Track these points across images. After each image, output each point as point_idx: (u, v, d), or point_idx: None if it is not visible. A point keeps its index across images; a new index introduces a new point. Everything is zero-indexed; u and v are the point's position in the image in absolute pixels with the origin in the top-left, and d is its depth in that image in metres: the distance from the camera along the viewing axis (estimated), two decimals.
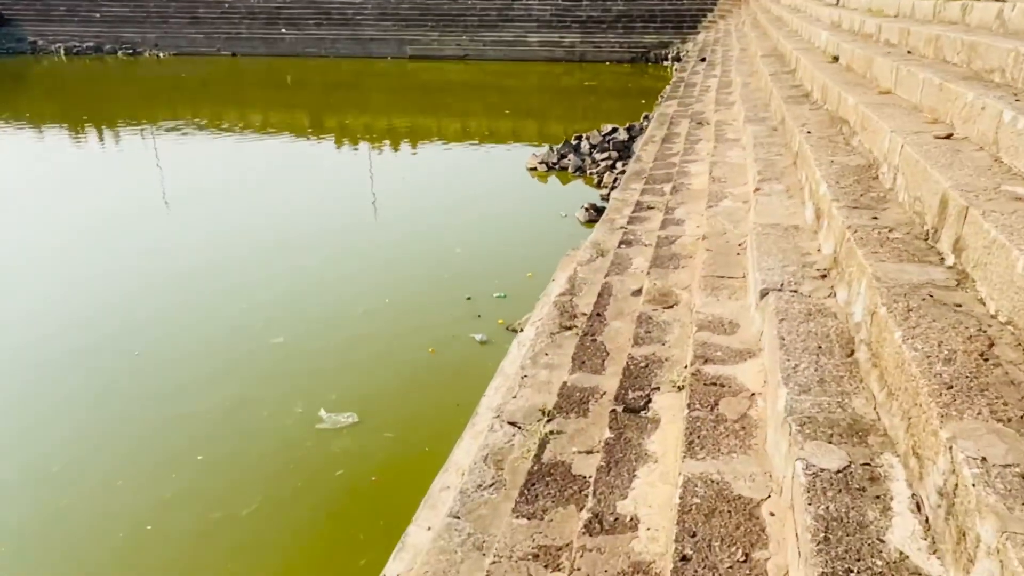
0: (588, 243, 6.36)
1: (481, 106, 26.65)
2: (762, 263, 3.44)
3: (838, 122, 5.27)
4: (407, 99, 28.29)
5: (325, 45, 33.41)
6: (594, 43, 32.00)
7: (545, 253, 9.93)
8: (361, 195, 13.73)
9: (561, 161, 14.38)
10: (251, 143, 19.70)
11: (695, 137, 8.52)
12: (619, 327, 4.28)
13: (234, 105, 27.79)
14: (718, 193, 5.35)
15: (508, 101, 26.71)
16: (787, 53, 9.57)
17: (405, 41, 32.85)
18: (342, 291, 8.89)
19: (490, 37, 32.50)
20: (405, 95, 29.17)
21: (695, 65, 17.51)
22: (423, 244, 10.62)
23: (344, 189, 14.28)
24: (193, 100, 28.39)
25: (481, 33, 32.66)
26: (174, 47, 34.19)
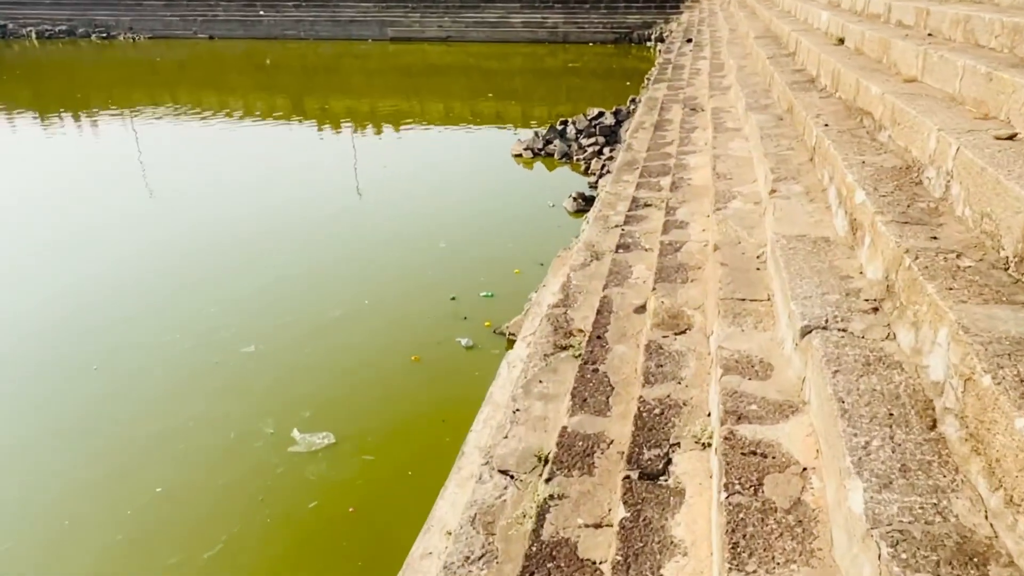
0: (581, 244, 5.76)
1: (464, 88, 25.83)
2: (795, 288, 2.86)
3: (857, 113, 4.68)
4: (389, 82, 27.38)
5: (304, 27, 32.27)
6: (577, 23, 31.12)
7: (533, 247, 9.33)
8: (342, 184, 13.01)
9: (547, 147, 13.71)
10: (230, 128, 18.83)
11: (690, 125, 7.91)
12: (624, 354, 3.69)
13: (212, 89, 26.78)
14: (725, 192, 4.76)
15: (491, 83, 25.89)
16: (783, 35, 8.95)
17: (386, 22, 31.79)
18: (319, 292, 8.24)
19: (472, 18, 31.52)
20: (387, 78, 28.26)
21: (681, 46, 16.83)
22: (405, 238, 9.97)
23: (325, 177, 13.54)
24: (170, 84, 27.31)
25: (463, 14, 31.66)
26: (149, 30, 32.89)
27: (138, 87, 26.79)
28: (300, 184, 12.87)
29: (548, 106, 22.91)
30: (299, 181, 13.09)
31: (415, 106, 23.35)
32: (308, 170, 14.00)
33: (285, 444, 5.52)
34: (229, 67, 31.01)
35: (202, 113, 21.05)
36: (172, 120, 19.79)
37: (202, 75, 29.61)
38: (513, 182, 12.81)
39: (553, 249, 8.71)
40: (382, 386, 6.30)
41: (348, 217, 10.96)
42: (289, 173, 13.67)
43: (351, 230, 10.36)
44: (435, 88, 25.86)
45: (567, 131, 14.12)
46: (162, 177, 13.39)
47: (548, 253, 8.71)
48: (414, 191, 12.28)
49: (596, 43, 31.19)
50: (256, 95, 25.14)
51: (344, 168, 14.21)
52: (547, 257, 8.49)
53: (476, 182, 12.72)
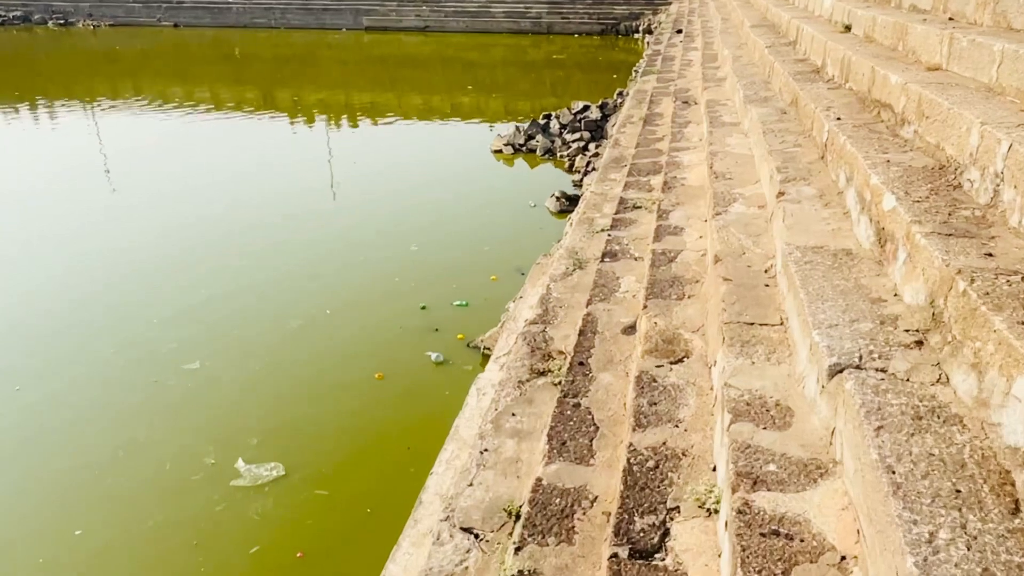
0: (563, 251, 5.32)
1: (443, 81, 25.36)
2: (817, 314, 2.43)
3: (873, 105, 4.28)
4: (364, 73, 26.86)
5: (275, 15, 31.61)
6: (562, 14, 30.74)
7: (512, 251, 8.89)
8: (310, 181, 12.46)
9: (528, 143, 13.27)
10: (196, 122, 18.21)
11: (683, 119, 7.50)
12: (610, 384, 3.25)
13: (178, 80, 26.11)
14: (725, 194, 4.34)
15: (471, 76, 25.43)
16: (782, 23, 8.57)
17: (361, 11, 31.22)
18: (276, 300, 7.74)
19: (452, 7, 31.03)
20: (362, 69, 27.74)
21: (671, 37, 16.47)
22: (375, 240, 9.48)
23: (293, 174, 12.99)
24: (133, 75, 26.60)
25: (442, 3, 31.16)
26: (110, 17, 32.06)
27: (98, 77, 26.06)
28: (266, 182, 12.33)
29: (531, 99, 22.50)
30: (265, 179, 12.54)
31: (391, 99, 22.85)
32: (276, 167, 13.45)
33: (227, 477, 5.02)
34: (195, 57, 30.33)
35: (166, 105, 20.40)
36: (134, 112, 19.14)
37: (167, 65, 28.94)
38: (492, 180, 12.35)
39: (534, 253, 8.26)
40: (340, 408, 5.82)
41: (314, 217, 10.44)
42: (255, 170, 13.11)
43: (317, 232, 9.85)
44: (413, 80, 25.35)
45: (550, 126, 13.69)
46: (119, 174, 12.79)
47: (528, 258, 8.26)
48: (386, 189, 11.79)
49: (581, 34, 30.83)
50: (224, 86, 24.53)
51: (314, 165, 13.68)
52: (527, 263, 8.05)
53: (452, 180, 12.24)
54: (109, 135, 16.25)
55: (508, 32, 31.00)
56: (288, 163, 13.80)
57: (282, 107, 21.18)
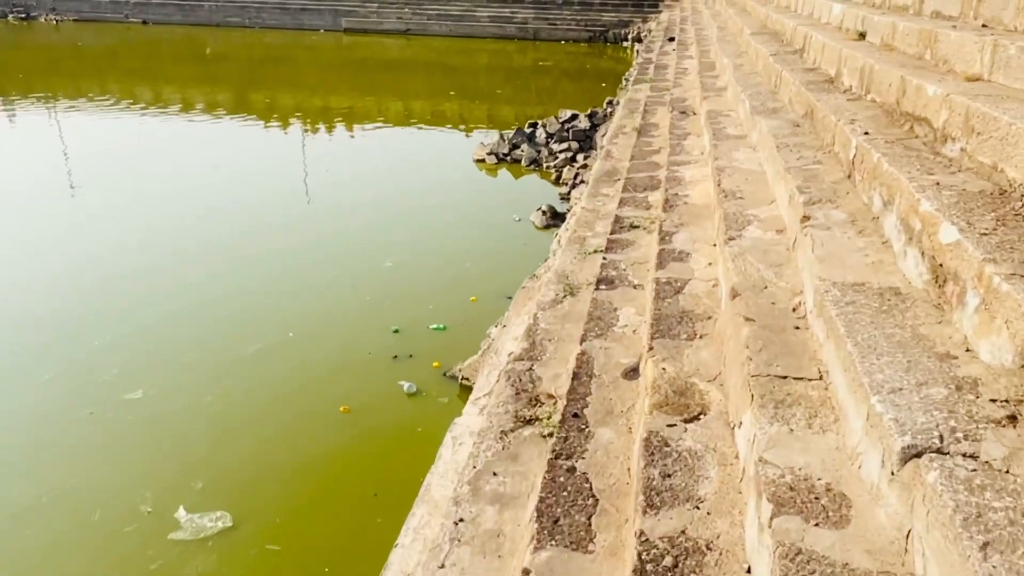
0: (552, 275, 4.89)
1: (425, 86, 24.98)
2: (873, 372, 2.02)
3: (904, 119, 3.91)
4: (343, 77, 26.44)
5: (249, 14, 31.10)
6: (548, 20, 30.55)
7: (494, 269, 8.46)
8: (281, 189, 11.96)
9: (513, 152, 12.88)
10: (164, 125, 17.67)
11: (681, 130, 7.13)
12: (611, 443, 2.81)
13: (146, 79, 25.54)
14: (736, 216, 3.94)
15: (454, 81, 25.09)
16: (786, 30, 8.27)
17: (340, 12, 30.81)
18: (233, 320, 7.23)
19: (435, 10, 30.73)
20: (340, 72, 27.33)
21: (663, 45, 16.20)
22: (346, 255, 9.01)
23: (263, 182, 12.48)
24: (99, 73, 26.01)
25: (425, 5, 30.85)
26: (75, 11, 31.38)
27: (60, 75, 25.41)
28: (232, 190, 11.81)
29: (516, 107, 22.21)
30: (232, 187, 12.02)
31: (371, 104, 22.44)
32: (245, 174, 12.93)
33: (165, 528, 4.51)
34: (165, 56, 29.74)
35: (133, 106, 19.85)
36: (99, 113, 18.53)
37: (134, 64, 28.37)
38: (474, 192, 11.92)
39: (518, 271, 7.86)
40: (299, 447, 5.33)
41: (282, 230, 9.94)
42: (222, 177, 12.58)
43: (284, 245, 9.35)
44: (393, 85, 24.97)
45: (536, 135, 13.31)
46: (77, 180, 12.20)
47: (511, 277, 7.85)
48: (361, 200, 11.32)
49: (568, 41, 30.64)
50: (195, 88, 23.99)
51: (286, 172, 13.17)
52: (510, 282, 7.63)
53: (432, 190, 11.80)
54: (70, 137, 15.64)
55: (493, 37, 30.73)
56: (258, 170, 13.29)
57: (256, 110, 20.68)
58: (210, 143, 15.85)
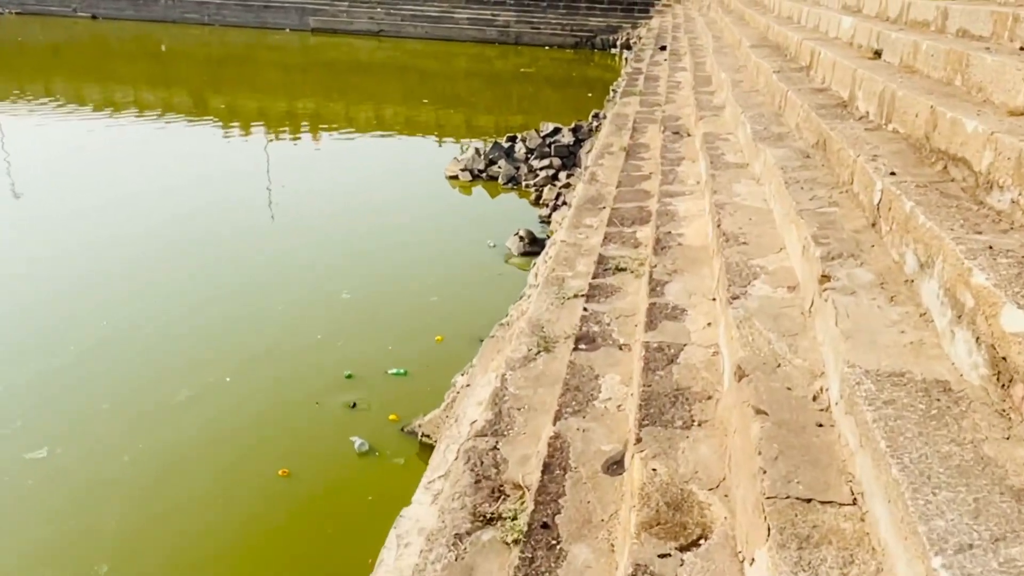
0: (525, 323, 4.48)
1: (397, 92, 24.65)
2: (930, 517, 1.63)
3: (936, 157, 3.55)
4: (308, 80, 26.04)
5: (209, 11, 30.63)
6: (532, 23, 30.38)
7: (464, 304, 8.04)
8: (231, 204, 11.46)
9: (490, 168, 12.51)
10: (113, 128, 17.18)
11: (674, 154, 6.78)
12: (587, 568, 2.38)
13: (95, 79, 25.00)
14: (740, 267, 3.55)
15: (429, 88, 24.78)
16: (789, 44, 7.98)
17: (307, 10, 30.44)
18: (161, 360, 6.73)
19: (410, 10, 30.45)
20: (306, 75, 26.93)
21: (654, 54, 15.97)
22: (298, 283, 8.54)
23: (215, 193, 11.98)
24: (44, 72, 25.45)
25: (399, 5, 30.58)
26: (18, 4, 30.73)
27: (9, 73, 24.84)
28: (180, 203, 11.29)
29: (497, 116, 21.96)
30: (181, 199, 11.50)
31: (339, 110, 22.07)
32: (196, 185, 12.41)
33: None
34: (116, 54, 29.20)
35: (81, 108, 19.35)
36: (41, 117, 17.95)
37: (82, 62, 27.85)
38: (445, 212, 11.49)
39: (490, 306, 7.46)
40: (228, 522, 4.84)
41: (229, 251, 9.45)
42: (172, 188, 12.07)
43: (229, 269, 8.87)
44: (363, 90, 24.63)
45: (515, 150, 12.96)
46: (5, 190, 11.64)
47: (483, 313, 7.44)
48: (320, 219, 10.86)
49: (553, 47, 30.48)
50: (149, 89, 23.50)
51: (241, 183, 12.69)
52: (481, 318, 7.23)
53: (399, 210, 11.36)
54: (13, 142, 15.06)
55: (472, 41, 30.50)
56: (212, 181, 12.80)
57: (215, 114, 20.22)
58: (161, 150, 15.36)
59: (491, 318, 6.83)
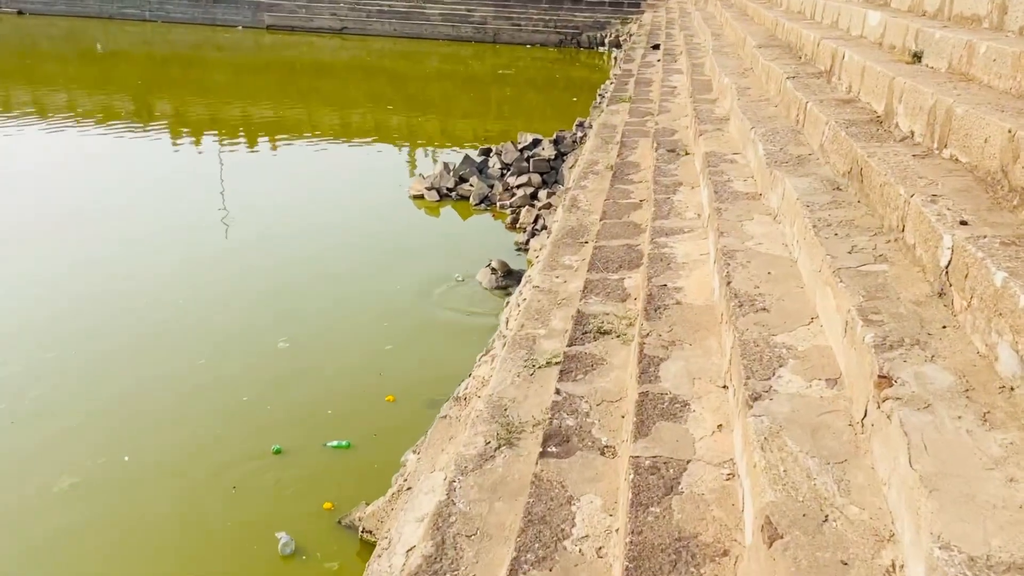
0: (484, 405, 3.81)
1: (363, 96, 24.04)
2: None
3: (1018, 199, 2.91)
4: (261, 83, 25.42)
5: (150, 6, 29.95)
6: (511, 19, 29.91)
7: (423, 354, 7.36)
8: (167, 225, 10.70)
9: (460, 187, 11.85)
10: (37, 137, 16.46)
11: (670, 177, 6.13)
12: None
13: (21, 82, 24.26)
14: (760, 347, 2.88)
15: (400, 91, 24.19)
16: (804, 43, 7.38)
17: (262, 6, 29.83)
18: (43, 434, 5.98)
19: (376, 5, 29.88)
20: (259, 78, 26.31)
21: (646, 54, 15.43)
22: (228, 328, 7.82)
23: (150, 214, 11.23)
24: None
25: (365, 1, 29.98)
26: None
27: None
28: (105, 226, 10.55)
29: (474, 121, 21.41)
30: (106, 221, 10.75)
31: (300, 116, 21.44)
32: (128, 204, 11.65)
33: None
34: (45, 54, 28.47)
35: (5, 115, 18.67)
36: None
37: (5, 63, 27.16)
38: (406, 239, 10.76)
39: (452, 357, 6.79)
40: None
41: (146, 286, 8.70)
42: (99, 207, 11.32)
43: (144, 308, 8.12)
44: (321, 94, 24.02)
45: (489, 165, 12.31)
46: None
47: (444, 365, 6.77)
48: (263, 245, 10.14)
49: (535, 45, 30.02)
50: (86, 94, 22.84)
51: (177, 202, 11.93)
52: (441, 372, 6.57)
53: (356, 235, 10.66)
54: None
55: (446, 39, 29.97)
56: (147, 198, 12.07)
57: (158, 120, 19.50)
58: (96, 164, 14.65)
59: (454, 371, 6.18)
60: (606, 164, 7.93)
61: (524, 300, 5.39)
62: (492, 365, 4.93)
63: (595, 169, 7.94)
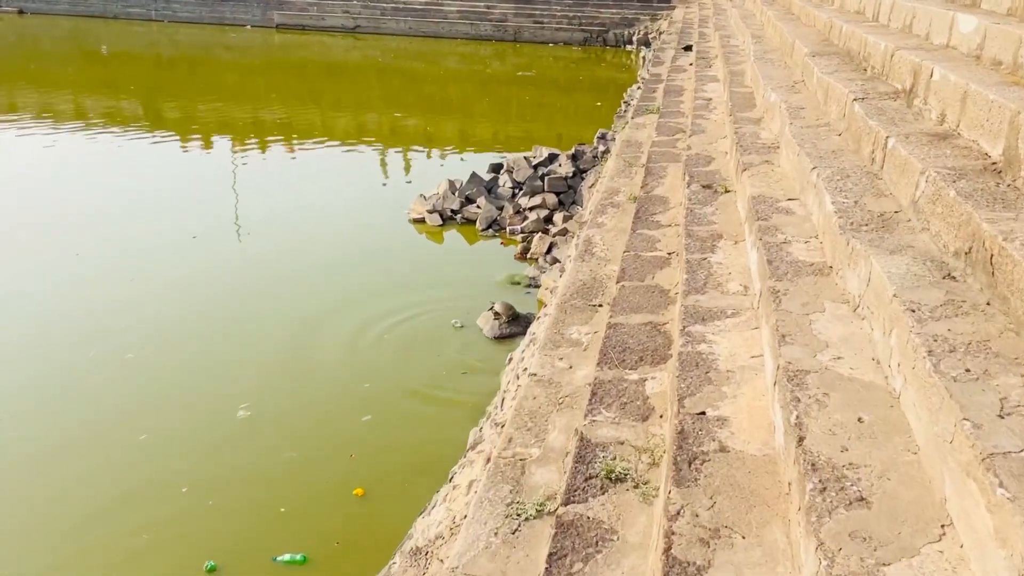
0: (448, 570, 2.72)
1: (378, 99, 23.07)
2: None
3: None
4: (272, 85, 24.59)
5: (156, 5, 29.22)
6: (533, 16, 28.78)
7: (407, 430, 6.29)
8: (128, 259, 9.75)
9: (465, 209, 10.73)
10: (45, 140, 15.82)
11: (706, 225, 4.97)
12: None
13: (24, 83, 23.64)
14: (857, 562, 1.74)
15: (416, 93, 23.20)
16: (870, 53, 6.18)
17: (271, 4, 28.95)
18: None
19: (391, 2, 28.89)
20: (270, 79, 25.50)
21: (676, 56, 14.23)
22: (182, 396, 6.77)
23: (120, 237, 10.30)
24: None
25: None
26: None
27: None
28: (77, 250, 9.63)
29: (495, 124, 20.43)
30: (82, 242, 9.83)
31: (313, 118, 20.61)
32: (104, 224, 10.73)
33: None
34: (49, 55, 27.88)
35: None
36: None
37: (9, 64, 26.64)
38: (402, 273, 9.56)
39: (442, 435, 5.73)
40: None
41: (89, 331, 7.71)
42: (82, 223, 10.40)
43: (78, 365, 7.12)
44: (337, 96, 23.15)
45: (499, 184, 11.18)
46: None
47: (431, 442, 5.71)
48: (238, 285, 9.11)
49: (557, 43, 28.88)
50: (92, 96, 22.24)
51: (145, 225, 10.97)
52: (427, 454, 5.49)
53: (342, 272, 9.53)
54: None
55: (464, 38, 28.91)
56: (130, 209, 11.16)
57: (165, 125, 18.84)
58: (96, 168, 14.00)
59: (440, 453, 5.13)
60: (628, 195, 6.80)
61: (517, 394, 4.27)
62: (467, 497, 3.82)
63: (615, 200, 6.81)
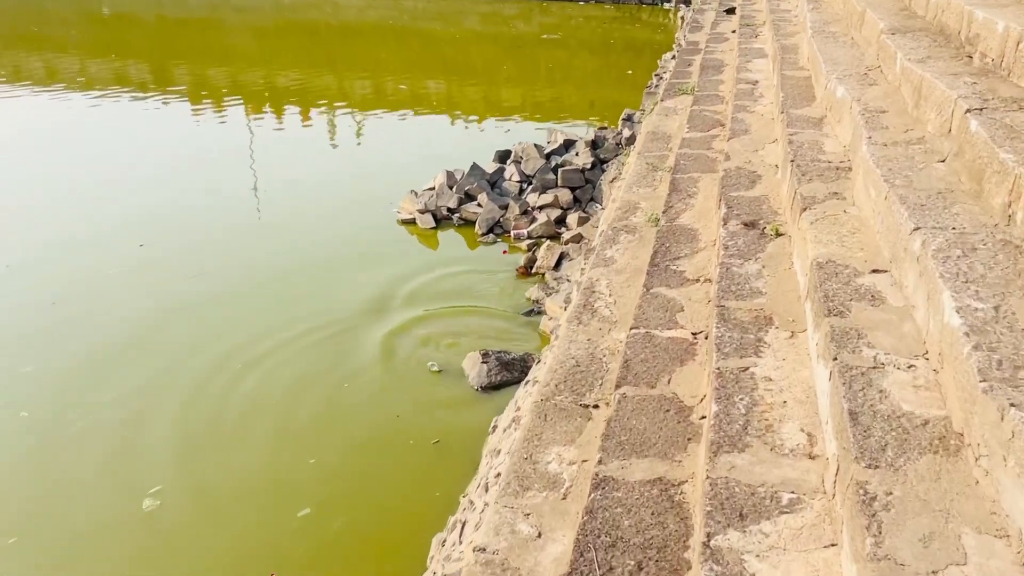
0: None
1: (393, 62, 21.68)
2: None
3: None
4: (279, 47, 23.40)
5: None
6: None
7: (360, 527, 5.01)
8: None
9: (464, 208, 9.33)
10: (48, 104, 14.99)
11: (748, 300, 3.53)
12: None
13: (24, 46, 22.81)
14: None
15: (436, 56, 21.81)
16: (977, 33, 4.65)
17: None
18: None
19: None
20: (277, 42, 24.32)
21: (718, 20, 12.57)
22: (84, 488, 5.58)
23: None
24: None
25: None
26: None
27: None
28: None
29: (523, 89, 19.07)
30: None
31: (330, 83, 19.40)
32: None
33: None
34: (50, 17, 26.96)
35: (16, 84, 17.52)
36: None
37: (10, 28, 25.90)
38: (379, 295, 7.96)
39: (403, 540, 4.45)
40: None
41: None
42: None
43: None
44: (344, 60, 21.86)
45: (504, 177, 9.74)
46: None
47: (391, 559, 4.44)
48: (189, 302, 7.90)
49: (589, 1, 27.06)
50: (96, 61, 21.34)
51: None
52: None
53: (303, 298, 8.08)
54: None
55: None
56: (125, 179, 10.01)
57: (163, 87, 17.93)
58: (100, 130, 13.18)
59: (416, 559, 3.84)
60: (648, 215, 5.41)
61: (488, 520, 2.96)
62: None
63: (631, 222, 5.42)
